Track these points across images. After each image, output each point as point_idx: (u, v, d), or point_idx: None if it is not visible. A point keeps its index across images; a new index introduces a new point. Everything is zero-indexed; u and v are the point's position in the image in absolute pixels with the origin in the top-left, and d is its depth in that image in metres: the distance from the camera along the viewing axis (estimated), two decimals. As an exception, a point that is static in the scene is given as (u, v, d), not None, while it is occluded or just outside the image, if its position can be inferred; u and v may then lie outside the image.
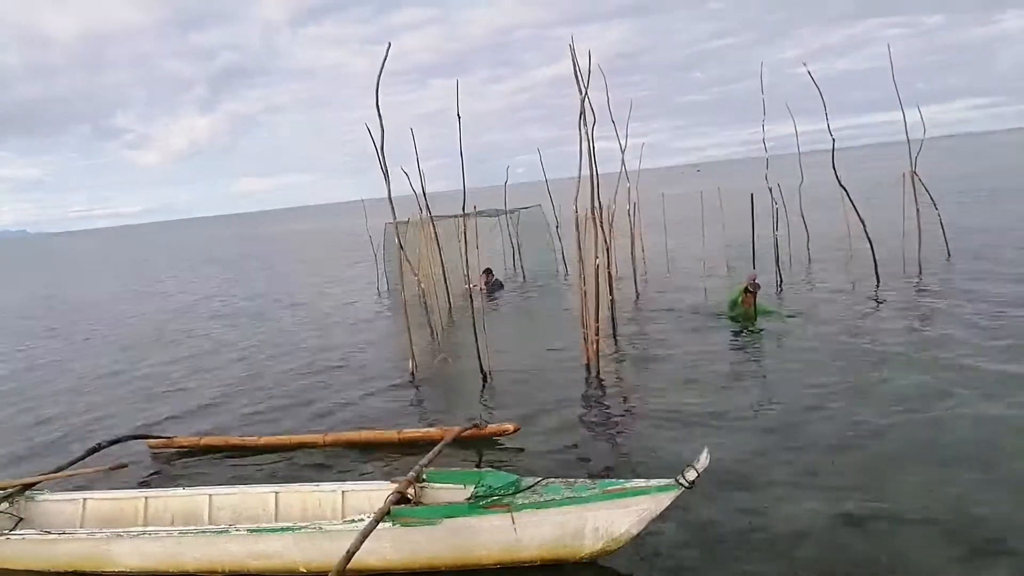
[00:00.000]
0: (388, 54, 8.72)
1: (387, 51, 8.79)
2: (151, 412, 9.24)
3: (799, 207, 15.63)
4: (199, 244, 65.88)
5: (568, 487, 4.60)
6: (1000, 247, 15.00)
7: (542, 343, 10.82)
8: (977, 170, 44.01)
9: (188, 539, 4.88)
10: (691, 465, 4.22)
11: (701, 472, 4.20)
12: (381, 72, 8.58)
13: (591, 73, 8.76)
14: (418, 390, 9.13)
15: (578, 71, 8.64)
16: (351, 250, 31.47)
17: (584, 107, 8.68)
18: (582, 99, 8.67)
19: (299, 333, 13.86)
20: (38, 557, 5.12)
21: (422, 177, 10.88)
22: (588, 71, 8.71)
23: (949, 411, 6.47)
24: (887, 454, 5.75)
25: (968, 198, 26.30)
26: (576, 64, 8.63)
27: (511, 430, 6.81)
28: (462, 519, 4.53)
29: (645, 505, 4.35)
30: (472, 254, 10.11)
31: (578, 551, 4.53)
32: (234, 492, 5.69)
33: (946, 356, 8.05)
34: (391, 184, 9.38)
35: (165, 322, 17.35)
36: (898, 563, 4.27)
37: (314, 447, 7.19)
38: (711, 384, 8.01)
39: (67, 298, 26.67)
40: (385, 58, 8.71)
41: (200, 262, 40.02)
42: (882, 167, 31.24)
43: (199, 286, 25.72)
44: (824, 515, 4.83)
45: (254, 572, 4.86)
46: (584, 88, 8.66)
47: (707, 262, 16.22)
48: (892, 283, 12.42)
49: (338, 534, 4.54)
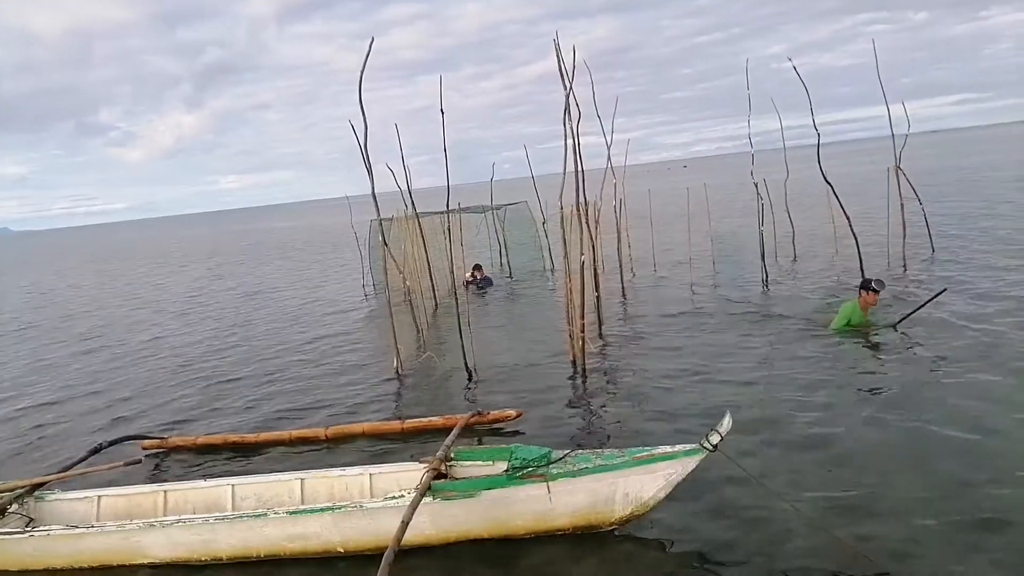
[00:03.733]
0: (371, 50, 8.65)
1: (370, 47, 8.72)
2: (127, 413, 9.12)
3: (784, 202, 15.66)
4: (182, 241, 65.37)
5: (598, 456, 4.80)
6: (982, 240, 15.11)
7: (528, 340, 10.78)
8: (961, 164, 44.39)
9: (223, 525, 4.86)
10: (715, 429, 4.39)
11: (724, 435, 4.36)
12: (364, 68, 8.51)
13: (576, 68, 8.71)
14: (402, 387, 9.06)
15: (563, 67, 8.59)
16: (336, 247, 31.33)
17: (569, 103, 8.64)
18: (567, 95, 8.62)
19: (281, 330, 13.74)
20: (61, 553, 5.04)
21: (407, 173, 10.82)
22: (573, 67, 8.67)
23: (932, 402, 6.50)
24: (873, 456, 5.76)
25: (951, 191, 26.50)
26: (561, 60, 8.58)
27: (513, 416, 7.00)
28: (500, 491, 4.68)
29: (672, 469, 4.55)
30: (457, 251, 10.06)
31: (608, 517, 4.72)
32: (258, 481, 5.68)
33: (921, 349, 8.11)
34: (377, 180, 9.33)
35: (142, 319, 17.18)
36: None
37: (316, 441, 7.15)
38: (697, 380, 7.98)
39: (48, 295, 26.37)
40: (368, 54, 8.65)
41: (182, 259, 39.71)
42: (867, 162, 31.46)
43: (180, 283, 25.48)
44: (800, 519, 4.81)
45: (290, 555, 4.89)
46: (569, 84, 8.61)
47: (693, 258, 16.22)
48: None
49: (378, 512, 4.67)
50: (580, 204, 9.14)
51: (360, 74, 8.51)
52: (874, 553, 4.24)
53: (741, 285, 13.31)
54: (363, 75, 8.50)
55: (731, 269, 15.05)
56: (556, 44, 8.59)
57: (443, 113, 8.96)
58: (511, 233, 19.35)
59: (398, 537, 4.00)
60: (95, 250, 66.13)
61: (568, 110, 8.64)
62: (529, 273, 17.74)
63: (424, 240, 13.10)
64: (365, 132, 8.89)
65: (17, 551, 5.06)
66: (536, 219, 17.74)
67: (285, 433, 7.35)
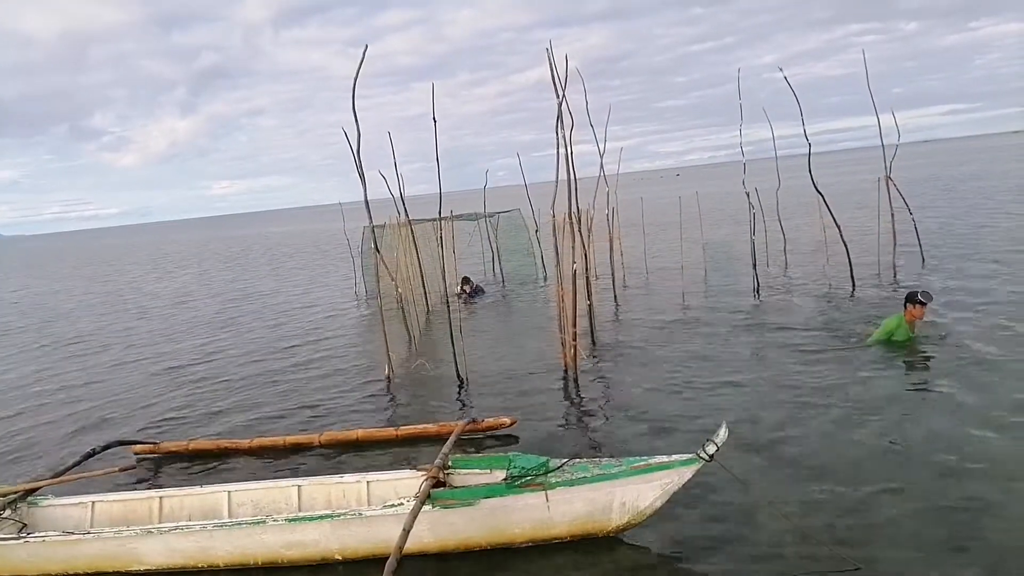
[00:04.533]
0: (364, 57, 8.68)
1: (363, 54, 8.75)
2: (115, 418, 9.07)
3: (776, 211, 15.75)
4: (173, 246, 65.10)
5: (595, 465, 4.83)
6: (972, 250, 15.20)
7: (520, 348, 10.78)
8: (951, 174, 44.65)
9: (222, 532, 4.84)
10: (711, 439, 4.43)
11: (720, 446, 4.39)
12: (357, 75, 8.52)
13: (568, 76, 8.74)
14: (393, 395, 9.03)
15: (555, 74, 8.62)
16: (329, 254, 31.28)
17: (561, 111, 8.67)
18: (559, 103, 8.66)
19: (274, 337, 13.68)
20: (56, 559, 5.01)
21: (400, 180, 10.81)
22: (566, 75, 8.70)
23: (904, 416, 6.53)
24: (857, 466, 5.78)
25: (942, 202, 26.65)
26: (553, 67, 8.61)
27: (508, 424, 7.00)
28: (499, 499, 4.70)
29: (668, 479, 4.60)
30: (450, 258, 10.05)
31: (606, 525, 4.76)
32: (254, 487, 5.66)
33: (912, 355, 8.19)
34: (371, 187, 9.34)
35: (133, 325, 17.08)
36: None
37: (309, 447, 7.12)
38: (689, 389, 7.99)
39: (36, 302, 26.20)
40: (361, 61, 8.67)
41: (174, 264, 39.54)
42: (858, 171, 31.62)
43: (172, 288, 25.38)
44: (791, 527, 4.83)
45: (288, 563, 4.88)
46: (561, 92, 8.64)
47: (685, 266, 16.26)
48: (867, 289, 12.53)
49: (377, 519, 4.69)
50: (573, 212, 9.17)
51: (354, 81, 8.52)
52: (860, 559, 4.29)
53: (733, 294, 13.34)
54: (356, 82, 8.51)
55: (723, 278, 15.09)
56: (549, 52, 8.62)
57: (435, 121, 8.97)
58: (504, 241, 19.37)
59: (400, 545, 4.01)
60: (87, 255, 65.79)
61: (560, 118, 8.67)
62: (521, 281, 17.76)
63: (417, 247, 13.10)
64: (358, 139, 8.90)
65: (11, 556, 5.02)
66: (529, 226, 17.77)
67: (279, 438, 7.32)
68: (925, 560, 4.31)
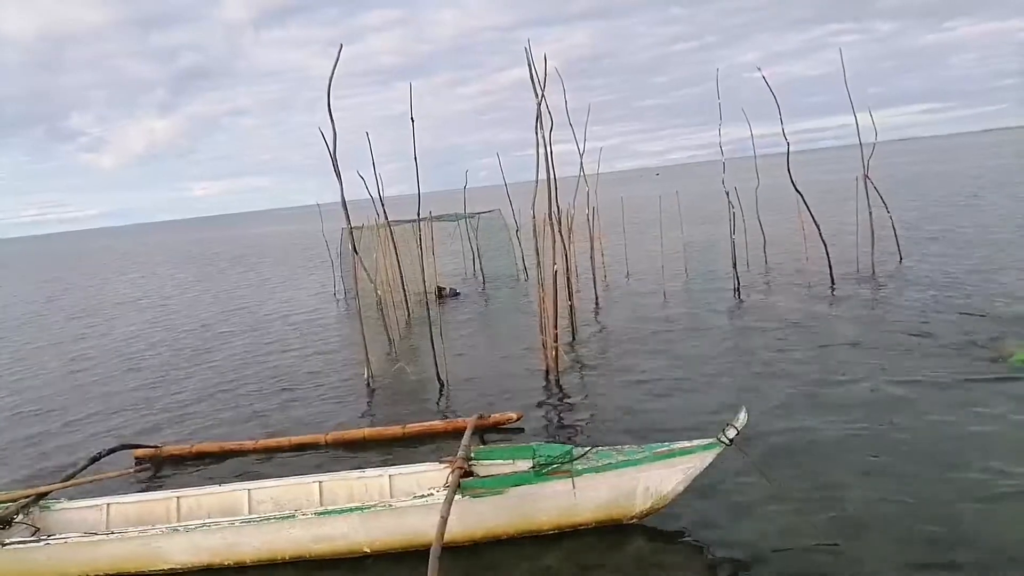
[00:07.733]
0: (339, 57, 8.61)
1: (338, 54, 8.67)
2: (99, 424, 8.90)
3: (756, 210, 15.77)
4: (153, 249, 64.32)
5: (619, 452, 4.96)
6: (948, 246, 15.35)
7: (501, 349, 10.71)
8: (928, 171, 45.19)
9: (250, 528, 4.84)
10: (731, 423, 4.56)
11: (740, 429, 4.52)
12: (333, 74, 8.44)
13: (548, 76, 8.68)
14: (373, 398, 8.95)
15: (534, 74, 8.56)
16: (308, 255, 31.00)
17: (540, 111, 8.61)
18: (538, 102, 8.59)
19: (251, 341, 13.50)
20: (76, 561, 4.94)
21: (379, 180, 10.68)
22: (545, 75, 8.63)
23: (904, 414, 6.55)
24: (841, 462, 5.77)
25: (918, 199, 26.92)
26: (532, 67, 8.55)
27: (515, 418, 7.16)
28: (527, 487, 4.78)
29: (691, 463, 4.73)
30: (429, 259, 9.97)
31: (630, 511, 4.87)
32: (275, 485, 5.63)
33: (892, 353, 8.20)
34: (350, 188, 9.27)
35: (108, 331, 16.80)
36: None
37: (315, 447, 7.10)
38: (672, 388, 7.98)
39: (8, 306, 25.75)
40: (336, 61, 8.60)
41: (153, 266, 39.02)
42: (837, 170, 31.91)
43: (149, 291, 25.01)
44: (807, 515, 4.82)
45: (315, 556, 4.88)
46: (540, 91, 8.59)
47: (665, 265, 16.27)
48: (847, 285, 12.59)
49: (407, 511, 4.75)
50: (552, 213, 9.11)
51: (329, 81, 8.42)
52: (852, 552, 4.30)
53: (713, 292, 13.37)
54: (332, 82, 8.41)
55: (703, 277, 15.10)
56: (528, 52, 8.56)
57: (413, 121, 8.90)
58: (484, 241, 19.31)
59: (440, 533, 4.03)
60: (64, 259, 64.89)
61: (540, 118, 8.62)
62: (502, 281, 17.71)
63: (396, 249, 12.97)
64: (334, 139, 8.82)
65: (30, 560, 4.95)
66: (509, 227, 17.71)
67: (284, 439, 7.29)
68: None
